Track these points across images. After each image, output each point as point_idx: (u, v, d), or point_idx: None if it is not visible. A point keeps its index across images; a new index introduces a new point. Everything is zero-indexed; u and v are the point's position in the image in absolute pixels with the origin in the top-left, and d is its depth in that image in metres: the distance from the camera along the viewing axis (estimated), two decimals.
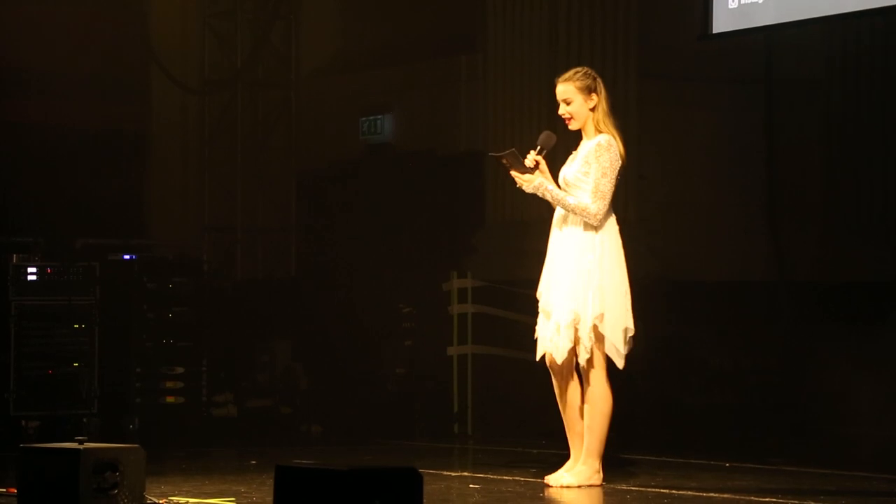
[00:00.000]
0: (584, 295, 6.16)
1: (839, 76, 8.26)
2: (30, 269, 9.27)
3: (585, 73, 6.30)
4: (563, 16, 9.49)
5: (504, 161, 6.24)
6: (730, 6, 8.40)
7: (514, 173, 6.26)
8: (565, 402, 6.33)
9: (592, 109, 6.29)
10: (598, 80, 6.30)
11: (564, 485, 6.22)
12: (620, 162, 6.24)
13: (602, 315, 6.18)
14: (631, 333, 6.26)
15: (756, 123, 8.66)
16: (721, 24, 8.47)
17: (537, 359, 6.35)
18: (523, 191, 6.31)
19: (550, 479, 6.29)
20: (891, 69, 8.11)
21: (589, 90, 6.28)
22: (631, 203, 9.00)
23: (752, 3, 8.34)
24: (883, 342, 8.08)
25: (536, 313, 6.38)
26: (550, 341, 6.24)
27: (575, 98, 6.28)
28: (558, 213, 6.32)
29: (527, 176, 6.25)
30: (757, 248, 8.62)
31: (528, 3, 9.74)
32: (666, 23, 8.95)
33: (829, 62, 8.31)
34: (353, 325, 10.36)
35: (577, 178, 6.24)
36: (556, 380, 6.33)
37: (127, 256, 9.80)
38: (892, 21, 7.94)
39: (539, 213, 6.43)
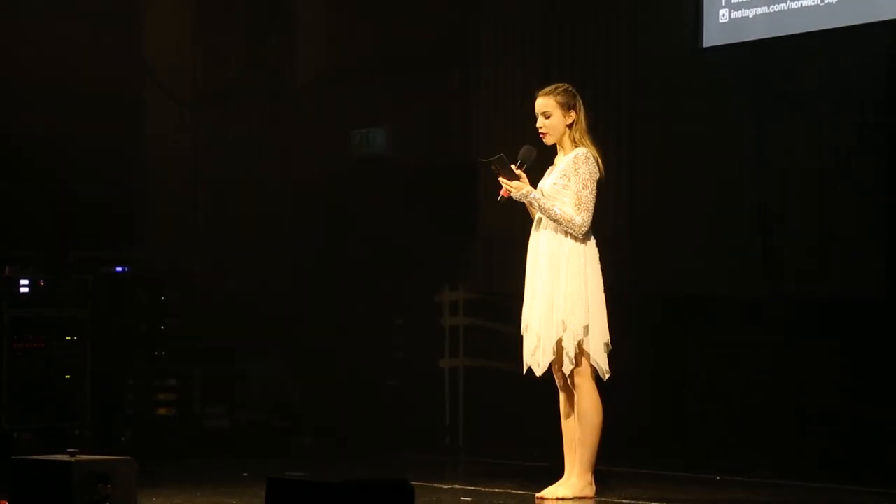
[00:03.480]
0: (570, 306, 6.19)
1: (832, 89, 8.29)
2: (22, 282, 9.28)
3: (566, 90, 6.35)
4: (556, 29, 9.52)
5: (493, 167, 6.27)
6: (720, 20, 8.44)
7: (502, 180, 6.29)
8: (564, 413, 6.36)
9: (570, 126, 6.33)
10: (578, 97, 6.35)
11: (559, 496, 6.25)
12: (599, 174, 6.28)
13: (587, 327, 6.21)
14: (609, 348, 6.30)
15: (749, 137, 8.68)
16: (712, 38, 8.50)
17: (524, 372, 6.38)
18: (510, 199, 6.34)
19: (546, 492, 6.31)
20: (883, 82, 8.14)
21: (568, 106, 6.33)
22: (622, 216, 9.02)
23: (742, 17, 8.38)
24: (875, 357, 8.09)
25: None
26: (532, 355, 6.27)
27: (554, 112, 6.33)
28: (537, 224, 6.35)
29: (515, 183, 6.29)
30: (749, 262, 8.63)
31: (522, 16, 9.77)
32: (658, 36, 8.97)
33: (822, 75, 8.33)
34: (346, 338, 10.37)
35: (555, 189, 6.27)
36: (560, 392, 6.36)
37: (120, 269, 9.81)
38: (884, 34, 7.97)
39: (531, 226, 6.44)
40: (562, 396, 6.36)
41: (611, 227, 8.53)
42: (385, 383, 10.21)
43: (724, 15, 8.42)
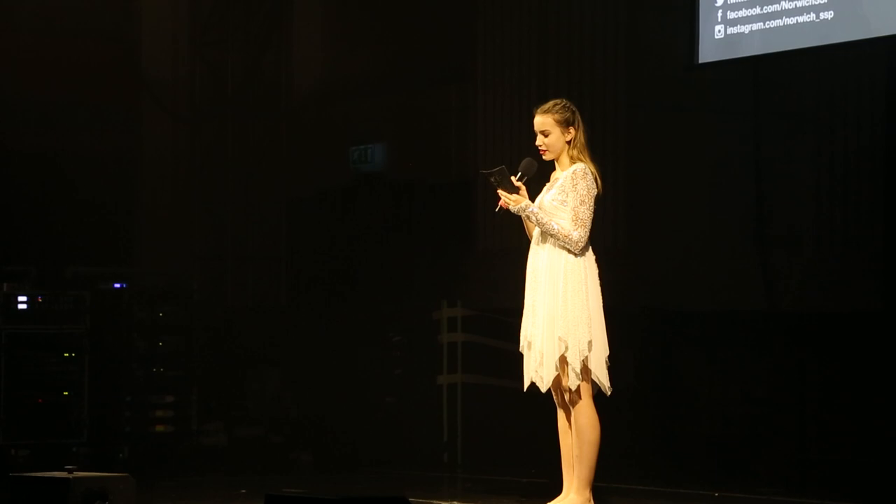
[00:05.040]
0: (573, 322, 6.18)
1: (827, 105, 8.30)
2: (20, 298, 9.29)
3: (564, 106, 6.34)
4: (553, 46, 9.54)
5: (493, 179, 6.27)
6: (716, 36, 8.45)
7: (501, 192, 6.29)
8: (562, 430, 6.35)
9: (569, 142, 6.33)
10: (577, 113, 6.34)
11: None
12: (597, 190, 6.29)
13: (591, 343, 6.20)
14: (608, 364, 6.29)
15: (745, 152, 8.70)
16: (707, 54, 8.51)
17: (524, 389, 6.37)
18: (508, 212, 6.34)
19: None
20: (879, 98, 8.15)
21: (567, 123, 6.32)
22: (620, 231, 9.03)
23: (738, 33, 8.39)
24: (871, 371, 8.09)
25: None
26: (536, 371, 6.25)
27: (553, 130, 6.32)
28: (536, 240, 6.34)
29: (514, 196, 6.28)
30: (746, 277, 8.64)
31: (518, 33, 9.79)
32: (655, 53, 8.99)
33: (817, 91, 8.35)
34: (343, 354, 10.37)
35: (553, 206, 6.27)
36: (558, 408, 6.35)
37: (117, 285, 9.81)
38: (879, 51, 7.98)
39: (528, 242, 6.45)
40: (560, 413, 6.35)
41: (608, 241, 8.54)
42: (383, 399, 10.21)
43: (719, 31, 8.43)
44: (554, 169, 6.45)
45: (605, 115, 9.12)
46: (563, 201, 6.26)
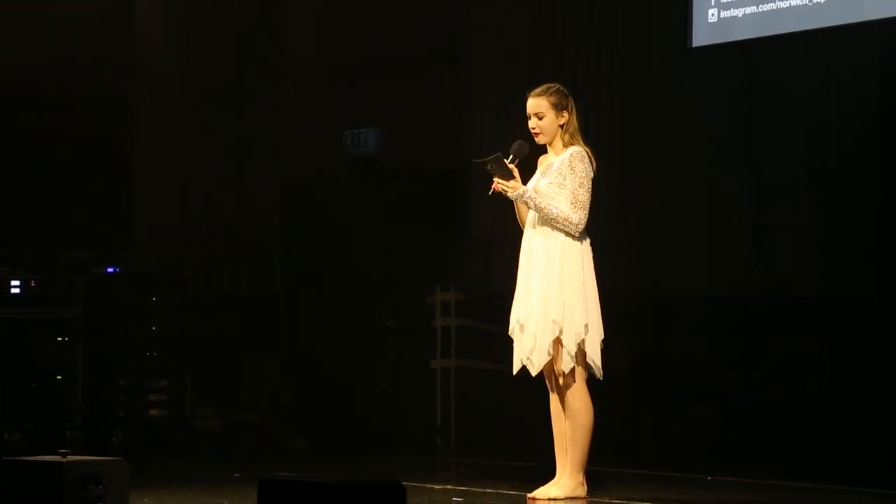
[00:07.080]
0: (570, 305, 6.18)
1: (821, 88, 8.30)
2: (13, 282, 9.28)
3: (558, 90, 6.35)
4: (547, 30, 9.53)
5: (488, 167, 6.28)
6: (709, 20, 8.45)
7: (497, 180, 6.29)
8: (556, 414, 6.36)
9: (562, 126, 6.34)
10: (570, 97, 6.35)
11: (551, 497, 6.25)
12: (593, 171, 6.30)
13: (587, 326, 6.21)
14: (603, 348, 6.30)
15: (738, 136, 8.70)
16: (701, 37, 8.51)
17: (514, 372, 6.37)
18: (504, 198, 6.35)
19: (537, 493, 6.32)
20: (872, 81, 8.16)
21: (560, 107, 6.33)
22: (614, 218, 9.03)
23: (731, 16, 8.39)
24: (867, 356, 8.10)
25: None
26: (528, 355, 6.24)
27: (547, 113, 6.33)
28: (531, 223, 6.34)
29: (511, 182, 6.29)
30: (741, 263, 8.64)
31: (512, 17, 9.78)
32: (649, 37, 8.98)
33: (811, 75, 8.35)
34: (338, 339, 10.37)
35: (551, 189, 6.27)
36: (551, 392, 6.36)
37: (111, 269, 9.81)
38: (872, 34, 7.98)
39: (520, 226, 6.44)
40: (553, 397, 6.36)
41: (602, 227, 8.54)
42: (377, 384, 10.21)
43: (713, 14, 8.43)
44: (544, 153, 6.45)
45: (599, 99, 9.12)
46: (560, 184, 6.26)
